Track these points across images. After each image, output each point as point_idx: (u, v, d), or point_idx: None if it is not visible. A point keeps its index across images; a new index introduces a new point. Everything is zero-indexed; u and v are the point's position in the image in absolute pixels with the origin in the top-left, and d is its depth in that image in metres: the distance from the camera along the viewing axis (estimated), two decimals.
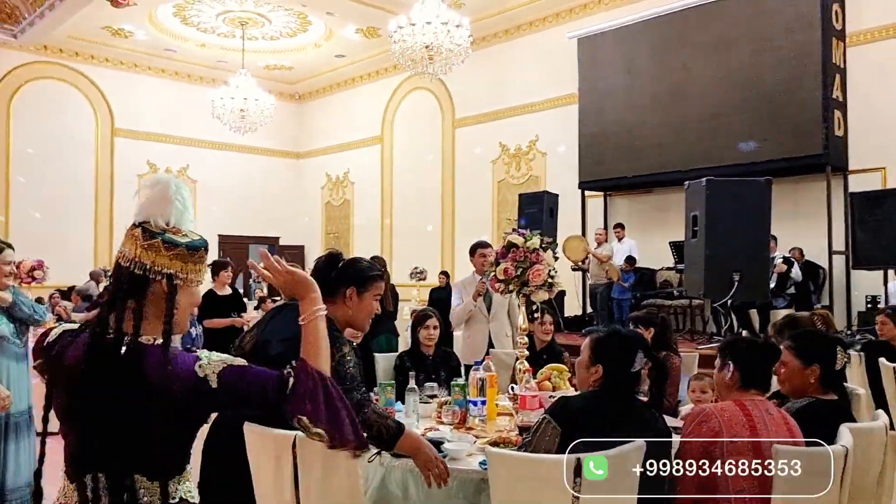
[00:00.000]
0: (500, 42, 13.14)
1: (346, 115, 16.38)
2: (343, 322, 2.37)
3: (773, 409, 2.26)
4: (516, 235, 3.03)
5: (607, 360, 2.22)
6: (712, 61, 9.39)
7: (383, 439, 2.21)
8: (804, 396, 2.52)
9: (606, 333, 2.33)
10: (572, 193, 11.35)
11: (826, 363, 2.51)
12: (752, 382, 2.32)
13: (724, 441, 2.13)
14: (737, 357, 2.34)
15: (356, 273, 2.40)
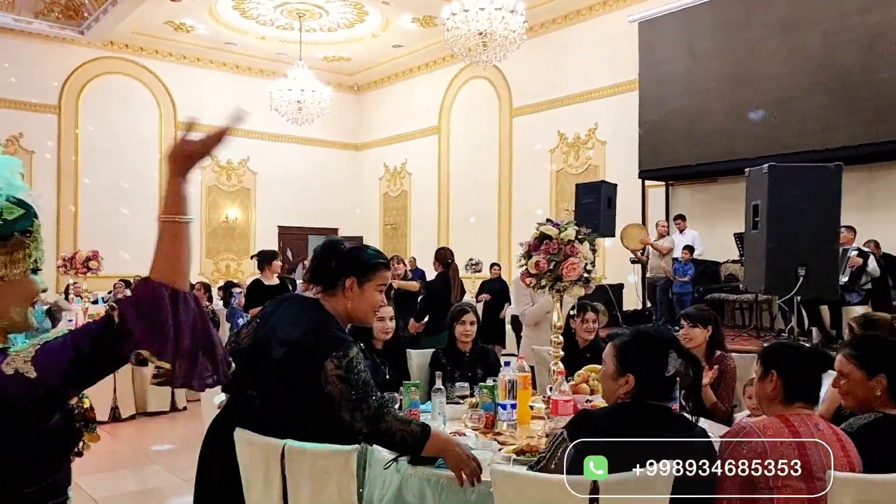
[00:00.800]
0: (558, 28, 12.81)
1: (404, 105, 16.32)
2: (344, 316, 2.21)
3: (822, 425, 1.98)
4: (550, 226, 2.82)
5: (637, 368, 1.98)
6: (780, 43, 8.85)
7: (409, 446, 2.07)
8: (870, 412, 2.21)
9: (631, 336, 2.06)
10: (632, 183, 10.98)
11: (895, 373, 2.21)
12: (798, 394, 2.04)
13: (769, 464, 1.88)
14: (780, 365, 2.07)
15: (357, 261, 2.22)
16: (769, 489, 1.88)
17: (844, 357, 2.27)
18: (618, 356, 2.03)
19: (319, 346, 2.03)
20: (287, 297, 2.27)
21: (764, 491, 1.88)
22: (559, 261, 2.74)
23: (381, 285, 2.26)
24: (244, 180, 15.77)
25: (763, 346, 2.23)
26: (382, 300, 2.29)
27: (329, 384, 2.00)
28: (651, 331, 2.12)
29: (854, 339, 2.37)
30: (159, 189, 14.46)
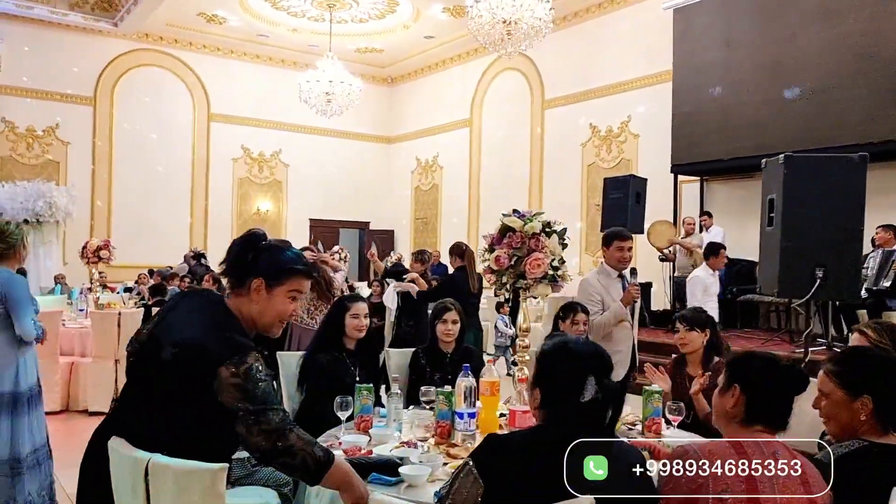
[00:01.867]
0: (591, 17, 12.44)
1: (437, 97, 16.14)
2: (249, 320, 1.99)
3: (783, 454, 1.67)
4: (514, 217, 2.58)
5: (549, 384, 1.70)
6: (821, 30, 8.35)
7: (309, 470, 1.83)
8: (854, 438, 1.89)
9: (553, 346, 1.76)
10: (666, 178, 10.58)
11: (881, 394, 1.85)
12: (760, 416, 1.75)
13: (709, 495, 1.60)
14: (746, 380, 1.76)
15: (270, 261, 1.99)
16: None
17: (826, 374, 1.95)
18: (536, 365, 1.75)
19: (214, 349, 1.82)
20: (189, 292, 2.08)
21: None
22: (521, 256, 2.49)
23: (294, 292, 2.03)
24: (276, 172, 15.80)
25: (732, 355, 1.93)
26: (294, 310, 2.06)
27: (223, 393, 1.79)
28: (576, 344, 1.78)
29: (839, 353, 2.04)
30: (192, 181, 14.60)
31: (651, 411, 2.62)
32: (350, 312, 3.29)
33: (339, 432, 2.67)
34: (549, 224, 2.58)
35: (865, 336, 2.47)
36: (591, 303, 4.00)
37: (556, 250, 2.52)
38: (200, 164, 14.72)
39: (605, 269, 4.18)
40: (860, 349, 2.06)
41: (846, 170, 4.68)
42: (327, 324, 3.43)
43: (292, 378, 3.37)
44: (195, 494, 1.58)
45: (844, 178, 4.64)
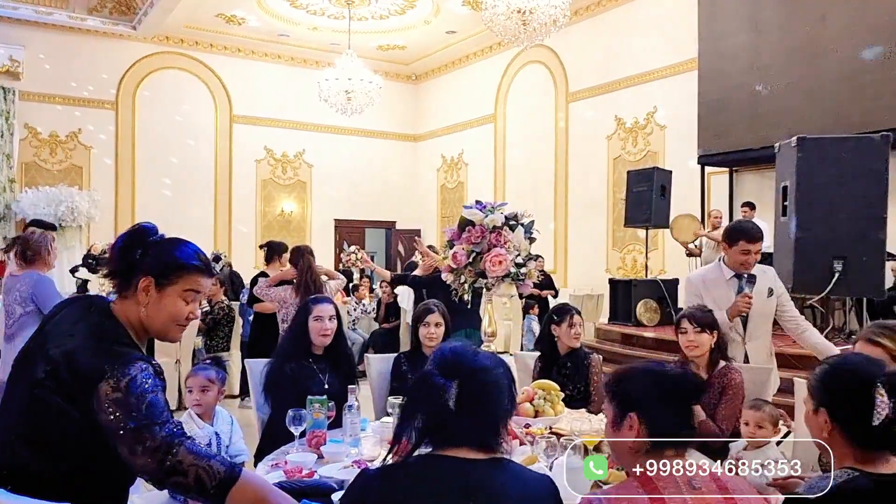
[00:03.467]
0: (614, 6, 12.06)
1: (460, 93, 15.90)
2: (139, 327, 1.76)
3: (702, 482, 1.39)
4: (474, 209, 2.30)
5: (415, 398, 1.47)
6: (855, 9, 7.85)
7: (206, 490, 1.56)
8: (843, 466, 1.55)
9: (448, 350, 1.51)
10: (694, 170, 10.16)
11: (841, 410, 1.58)
12: (667, 442, 1.48)
13: None
14: (638, 405, 1.50)
15: (160, 257, 1.76)
16: None
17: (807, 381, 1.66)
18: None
19: (92, 364, 1.60)
20: (74, 299, 1.85)
21: None
22: (481, 252, 2.21)
23: (190, 292, 1.79)
24: (300, 173, 15.70)
25: (609, 376, 1.62)
26: (192, 312, 1.81)
27: (103, 413, 1.57)
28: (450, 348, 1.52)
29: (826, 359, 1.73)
30: (215, 183, 14.58)
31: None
32: (312, 315, 3.05)
33: (291, 449, 2.43)
34: (515, 216, 2.29)
35: (878, 345, 2.13)
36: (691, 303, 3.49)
37: (521, 245, 2.23)
38: (223, 167, 14.70)
39: (720, 265, 3.66)
40: (839, 357, 1.74)
41: (866, 151, 4.27)
42: (292, 328, 3.20)
43: (259, 388, 3.15)
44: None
45: (864, 160, 4.24)
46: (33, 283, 3.98)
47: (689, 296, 3.65)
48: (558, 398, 2.60)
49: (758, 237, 3.58)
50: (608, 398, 1.58)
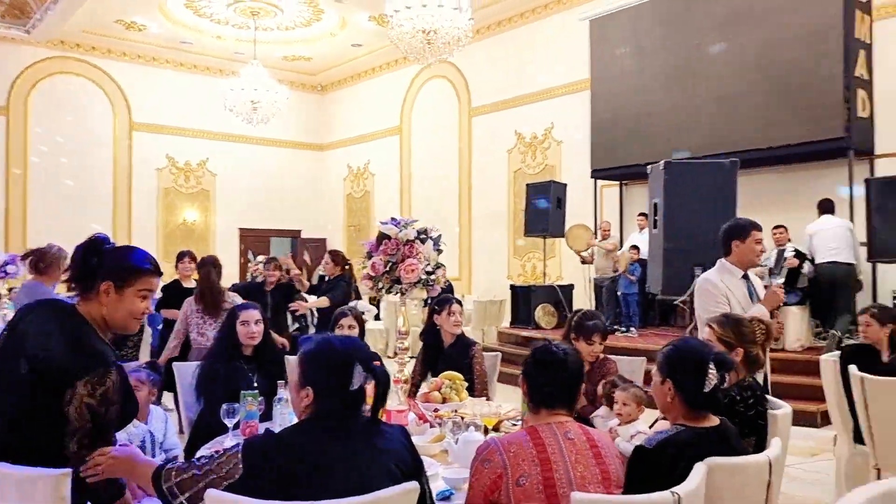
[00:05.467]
0: (514, 27, 12.70)
1: (367, 105, 16.19)
2: (102, 323, 2.04)
3: (575, 434, 1.83)
4: (390, 225, 2.66)
5: (317, 380, 1.76)
6: (725, 38, 8.76)
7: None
8: (676, 422, 2.05)
9: (317, 346, 1.83)
10: (587, 183, 10.87)
11: (682, 381, 2.03)
12: (541, 402, 1.92)
13: (509, 484, 1.73)
14: (525, 371, 1.95)
15: (117, 264, 2.04)
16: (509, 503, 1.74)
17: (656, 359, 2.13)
18: (301, 365, 1.82)
19: (74, 363, 1.87)
20: (40, 303, 2.09)
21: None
22: (396, 262, 2.58)
23: (145, 291, 2.08)
24: (203, 182, 15.52)
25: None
26: (147, 308, 2.10)
27: (74, 406, 1.85)
28: (339, 340, 1.88)
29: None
30: (113, 191, 14.23)
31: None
32: (239, 320, 3.31)
33: (225, 440, 2.69)
34: (425, 231, 2.67)
35: (713, 329, 2.66)
36: (717, 307, 3.40)
37: (430, 256, 2.61)
38: (123, 174, 14.36)
39: (727, 266, 3.58)
40: (680, 340, 2.22)
41: (719, 174, 4.96)
42: (221, 334, 3.45)
43: (188, 388, 3.36)
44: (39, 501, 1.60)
45: (718, 182, 4.92)
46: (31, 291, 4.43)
47: (710, 300, 3.47)
48: (462, 387, 2.99)
49: (761, 226, 3.66)
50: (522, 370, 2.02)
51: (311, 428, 1.75)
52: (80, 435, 1.85)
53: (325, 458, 1.68)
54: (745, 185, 6.79)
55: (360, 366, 1.76)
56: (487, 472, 1.79)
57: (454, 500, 2.03)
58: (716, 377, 2.01)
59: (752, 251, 3.53)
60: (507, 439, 1.85)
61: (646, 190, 10.74)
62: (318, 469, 1.65)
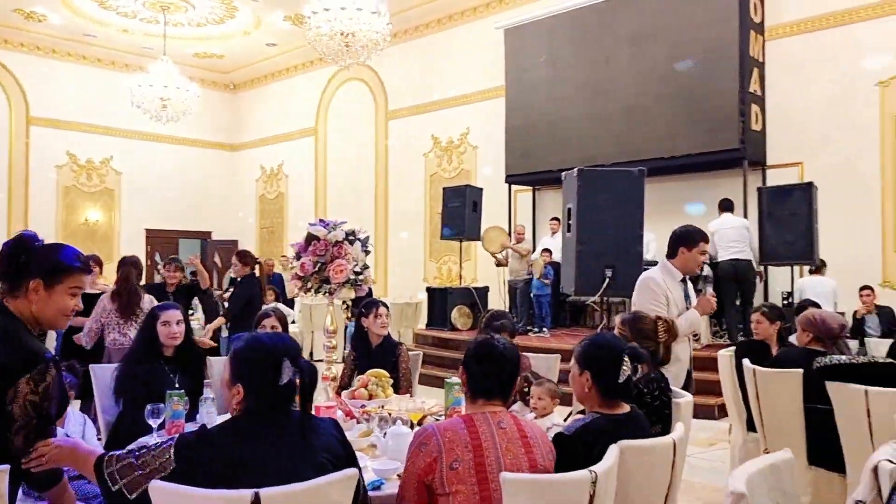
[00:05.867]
0: (431, 32, 12.87)
1: (281, 105, 15.97)
2: (31, 320, 2.02)
3: (508, 424, 1.97)
4: (319, 227, 2.72)
5: (247, 377, 1.81)
6: (633, 54, 9.21)
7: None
8: (592, 410, 2.23)
9: (246, 343, 1.89)
10: (502, 187, 11.13)
11: (599, 372, 2.22)
12: (479, 392, 2.04)
13: (442, 467, 1.85)
14: (466, 364, 2.07)
15: (46, 262, 2.03)
16: (445, 493, 1.85)
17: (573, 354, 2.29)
18: (230, 363, 1.88)
19: (13, 361, 1.87)
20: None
21: (440, 494, 1.85)
22: (325, 262, 2.64)
23: (74, 289, 2.08)
24: (107, 180, 14.91)
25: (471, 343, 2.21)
26: (77, 305, 2.10)
27: (16, 405, 1.85)
28: (268, 337, 1.93)
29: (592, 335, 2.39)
30: (9, 189, 13.48)
31: (452, 401, 2.86)
32: (160, 321, 3.28)
33: (149, 440, 2.67)
34: (353, 232, 2.74)
35: (621, 328, 2.88)
36: (656, 303, 3.50)
37: (359, 256, 2.68)
38: (19, 172, 13.61)
39: (670, 268, 3.70)
40: (596, 335, 2.40)
41: (628, 182, 5.29)
42: (141, 335, 3.40)
43: (106, 390, 3.30)
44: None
45: (627, 189, 5.24)
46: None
47: (650, 297, 3.58)
48: (388, 384, 3.08)
49: (708, 238, 3.80)
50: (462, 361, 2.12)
51: (242, 424, 1.81)
52: (26, 431, 1.87)
53: (256, 454, 1.74)
54: (651, 192, 7.18)
55: (289, 361, 1.82)
56: (423, 456, 1.90)
57: (384, 489, 2.12)
58: (629, 368, 2.19)
59: (696, 260, 3.67)
60: (444, 426, 1.96)
61: (558, 195, 11.17)
62: (248, 464, 1.70)
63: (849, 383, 2.97)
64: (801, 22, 8.80)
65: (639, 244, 5.25)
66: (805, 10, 8.79)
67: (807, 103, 8.70)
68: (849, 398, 2.96)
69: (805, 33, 8.81)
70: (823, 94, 8.60)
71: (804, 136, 8.68)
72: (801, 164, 8.75)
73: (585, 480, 1.73)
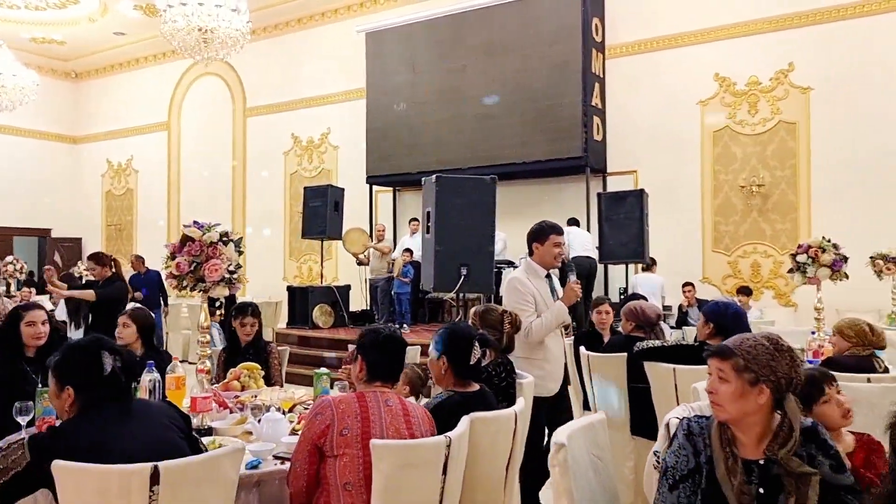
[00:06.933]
0: (292, 31, 12.85)
1: (130, 97, 15.26)
2: None
3: (393, 402, 2.27)
4: (193, 228, 2.86)
5: (73, 377, 1.97)
6: (487, 64, 9.76)
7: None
8: (448, 389, 2.58)
9: (62, 352, 2.05)
10: (363, 188, 11.34)
11: (454, 356, 2.57)
12: (377, 375, 2.32)
13: (334, 433, 2.12)
14: (363, 350, 2.34)
15: None
16: (333, 455, 2.12)
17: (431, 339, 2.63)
18: (54, 374, 2.03)
19: None
20: None
21: (329, 456, 2.13)
22: (200, 262, 2.79)
23: None
24: None
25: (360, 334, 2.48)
26: None
27: None
28: (78, 340, 2.14)
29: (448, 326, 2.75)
30: None
31: (321, 390, 3.08)
32: (25, 321, 3.24)
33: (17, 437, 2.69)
34: (227, 234, 2.90)
35: (471, 318, 3.27)
36: (524, 303, 3.54)
37: (232, 257, 2.84)
38: None
39: (532, 266, 3.71)
40: (452, 324, 2.77)
41: (482, 188, 5.76)
42: (2, 333, 3.33)
43: None
44: None
45: (480, 195, 5.71)
46: None
47: (518, 297, 3.60)
48: (259, 375, 3.26)
49: (562, 230, 3.82)
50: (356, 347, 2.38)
51: (88, 416, 1.96)
52: None
53: (106, 439, 1.89)
54: (505, 196, 7.71)
55: (107, 352, 1.99)
56: (318, 423, 2.16)
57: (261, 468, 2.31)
58: (479, 352, 2.55)
59: (551, 253, 3.68)
60: (339, 398, 2.25)
61: (417, 196, 11.55)
62: (100, 451, 1.85)
63: (661, 363, 3.51)
64: (636, 43, 9.73)
65: (491, 244, 5.71)
66: (639, 32, 9.72)
67: (641, 117, 9.63)
68: (661, 375, 3.50)
69: (639, 53, 9.74)
70: (654, 109, 9.56)
71: (638, 146, 9.61)
72: (635, 172, 9.67)
73: (441, 444, 2.05)
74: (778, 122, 8.90)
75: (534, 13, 9.42)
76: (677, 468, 1.75)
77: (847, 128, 8.45)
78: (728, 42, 9.18)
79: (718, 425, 1.76)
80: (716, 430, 1.76)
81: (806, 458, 1.66)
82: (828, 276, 4.66)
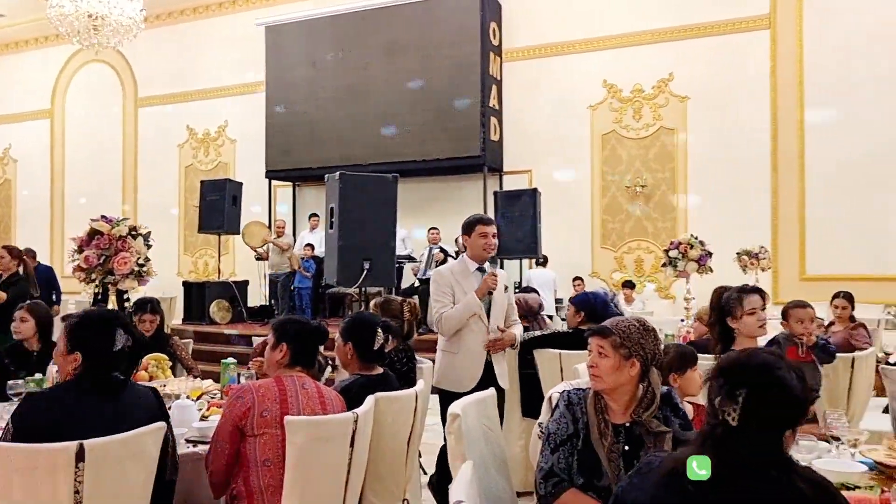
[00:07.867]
0: (187, 21, 12.54)
1: (8, 82, 14.39)
2: None
3: (309, 385, 2.45)
4: (102, 222, 2.91)
5: (86, 345, 2.10)
6: (389, 63, 9.94)
7: None
8: (353, 373, 2.78)
9: (80, 316, 2.19)
10: (262, 182, 11.25)
11: (359, 342, 2.77)
12: (298, 362, 2.48)
13: (254, 415, 2.28)
14: (288, 338, 2.49)
15: None
16: (254, 434, 2.29)
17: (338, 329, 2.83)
18: (68, 335, 2.15)
19: None
20: None
21: (250, 435, 2.29)
22: (110, 255, 2.84)
23: None
24: None
25: (274, 321, 2.63)
26: None
27: None
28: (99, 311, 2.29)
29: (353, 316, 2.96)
30: None
31: (228, 380, 3.20)
32: None
33: None
34: (136, 228, 2.96)
35: (373, 307, 3.50)
36: (440, 295, 3.56)
37: (141, 250, 2.91)
38: None
39: (465, 260, 3.72)
40: (357, 313, 2.98)
41: (383, 186, 5.99)
42: None
43: None
44: None
45: (382, 192, 5.93)
46: None
47: (436, 287, 3.62)
48: (167, 366, 3.32)
49: (491, 220, 3.79)
50: (273, 332, 2.52)
51: (75, 387, 2.08)
52: None
53: (88, 412, 2.01)
54: (406, 192, 7.94)
55: (121, 329, 2.12)
56: (239, 406, 2.31)
57: None
58: (382, 338, 2.76)
59: (478, 244, 3.65)
60: (259, 383, 2.42)
61: (317, 191, 11.61)
62: (81, 422, 1.96)
63: (547, 349, 3.85)
64: (531, 48, 10.19)
65: (393, 240, 5.93)
66: (533, 38, 10.18)
67: (535, 119, 10.09)
68: (548, 360, 3.83)
69: (534, 58, 10.21)
70: (548, 112, 10.05)
71: (533, 147, 10.08)
72: (530, 172, 10.13)
73: (349, 419, 2.26)
74: (659, 128, 9.58)
75: (435, 15, 9.68)
76: (558, 433, 2.02)
77: (720, 134, 9.21)
78: (615, 51, 9.77)
79: (594, 395, 2.05)
80: (591, 399, 2.05)
81: (662, 419, 1.99)
82: (695, 270, 5.17)
